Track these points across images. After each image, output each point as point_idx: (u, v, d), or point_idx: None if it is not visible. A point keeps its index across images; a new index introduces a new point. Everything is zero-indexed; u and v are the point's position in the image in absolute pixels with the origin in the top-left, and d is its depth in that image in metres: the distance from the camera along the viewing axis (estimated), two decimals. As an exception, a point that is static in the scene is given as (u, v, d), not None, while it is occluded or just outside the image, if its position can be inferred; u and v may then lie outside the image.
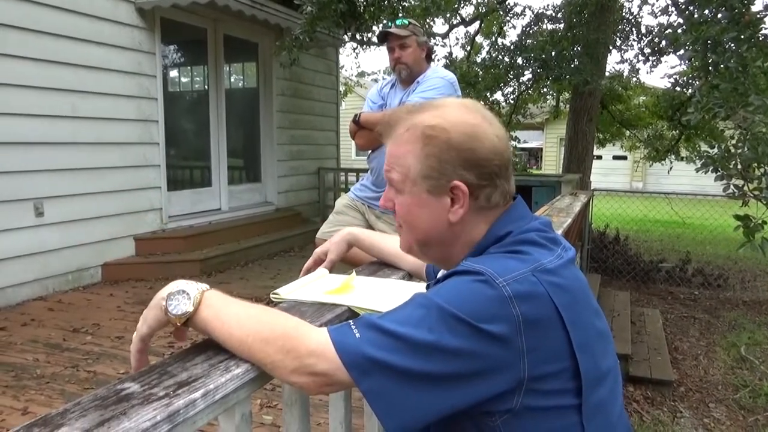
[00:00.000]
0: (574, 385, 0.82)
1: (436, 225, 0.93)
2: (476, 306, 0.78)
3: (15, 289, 4.31)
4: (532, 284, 0.80)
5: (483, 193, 0.91)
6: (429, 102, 0.97)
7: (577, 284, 0.88)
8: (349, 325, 0.81)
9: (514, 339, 0.77)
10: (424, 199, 0.93)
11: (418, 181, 0.92)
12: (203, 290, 0.87)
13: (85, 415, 0.65)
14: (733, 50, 2.96)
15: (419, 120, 0.92)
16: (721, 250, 8.32)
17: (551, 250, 0.89)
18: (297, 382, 0.81)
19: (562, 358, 0.81)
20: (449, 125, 0.90)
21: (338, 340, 0.79)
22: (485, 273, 0.80)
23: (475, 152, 0.89)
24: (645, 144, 10.07)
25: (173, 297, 0.85)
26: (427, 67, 2.82)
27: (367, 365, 0.76)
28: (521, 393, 0.79)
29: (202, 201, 6.32)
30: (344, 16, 6.08)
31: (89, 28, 4.78)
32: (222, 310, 0.85)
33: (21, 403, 2.75)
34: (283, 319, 0.86)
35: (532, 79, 8.64)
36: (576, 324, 0.82)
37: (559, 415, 0.82)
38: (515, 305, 0.77)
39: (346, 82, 15.47)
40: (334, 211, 3.03)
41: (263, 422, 2.57)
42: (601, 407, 0.85)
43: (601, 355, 0.87)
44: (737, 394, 3.73)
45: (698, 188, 9.20)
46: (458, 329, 0.76)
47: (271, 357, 0.80)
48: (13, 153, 4.27)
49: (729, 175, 2.82)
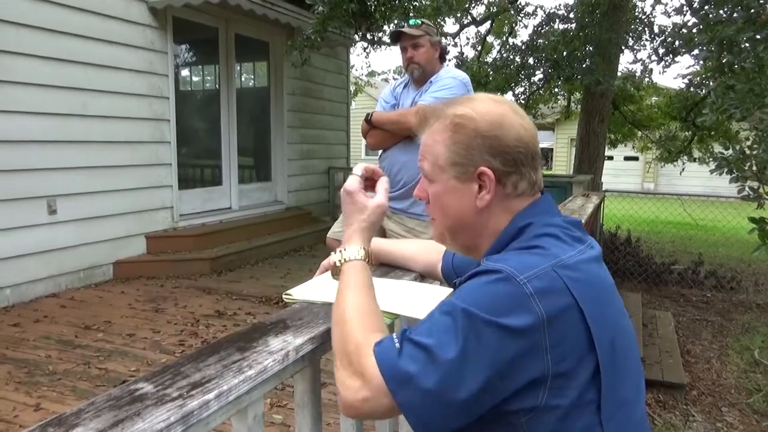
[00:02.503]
0: (595, 381, 0.82)
1: (464, 211, 0.96)
2: (498, 304, 0.79)
3: (28, 285, 4.36)
4: (552, 280, 0.81)
5: (509, 180, 0.93)
6: (461, 96, 1.03)
7: (599, 280, 0.89)
8: (392, 338, 0.84)
9: (538, 333, 0.78)
10: (452, 185, 0.96)
11: (446, 168, 0.96)
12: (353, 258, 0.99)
13: (99, 416, 0.65)
14: (749, 50, 2.93)
15: (450, 111, 0.97)
16: (734, 252, 8.24)
17: (572, 245, 0.89)
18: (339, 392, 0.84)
19: (583, 353, 0.81)
20: (477, 115, 0.94)
21: (381, 357, 0.82)
22: (505, 271, 0.81)
23: (500, 139, 0.92)
24: (657, 145, 9.99)
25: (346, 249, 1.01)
26: (440, 67, 2.81)
27: (402, 377, 0.79)
28: (546, 388, 0.79)
29: (212, 200, 6.34)
30: (355, 16, 6.08)
31: (102, 27, 4.81)
32: (342, 288, 0.96)
33: (33, 399, 2.77)
34: (362, 332, 0.88)
35: (543, 79, 8.59)
36: (597, 319, 0.82)
37: (579, 412, 0.81)
38: (537, 301, 0.78)
39: (356, 81, 15.48)
40: (344, 210, 3.02)
41: (273, 421, 2.57)
42: (622, 407, 0.85)
43: (623, 354, 0.87)
44: (751, 399, 3.68)
45: (711, 190, 9.12)
46: (483, 331, 0.77)
47: (339, 356, 0.87)
48: (26, 151, 4.31)
49: (744, 177, 2.78)
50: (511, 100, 1.02)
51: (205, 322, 3.95)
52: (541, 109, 11.45)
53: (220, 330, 3.79)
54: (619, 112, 10.05)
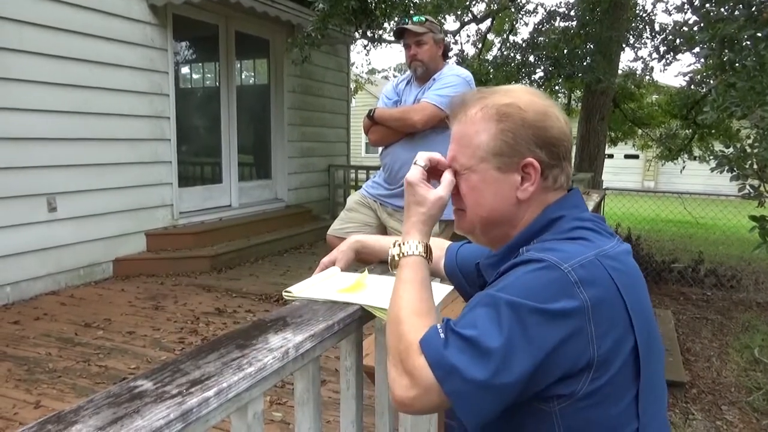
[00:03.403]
0: (634, 370, 0.82)
1: (502, 203, 0.95)
2: (543, 292, 0.79)
3: (28, 283, 4.35)
4: (596, 268, 0.81)
5: (552, 173, 0.93)
6: (495, 87, 0.99)
7: (636, 273, 0.90)
8: (436, 329, 0.84)
9: (584, 319, 0.78)
10: (492, 176, 0.94)
11: (488, 158, 0.93)
12: (411, 253, 0.96)
13: (98, 413, 0.65)
14: (750, 48, 2.92)
15: (492, 101, 0.94)
16: (735, 251, 8.23)
17: (609, 238, 0.91)
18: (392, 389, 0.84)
19: (624, 342, 0.81)
20: (524, 105, 0.92)
21: (427, 347, 0.82)
22: (549, 260, 0.81)
23: (548, 131, 0.92)
24: (657, 143, 9.97)
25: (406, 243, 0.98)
26: (444, 65, 2.80)
27: (449, 368, 0.78)
28: (589, 375, 0.79)
29: (212, 197, 6.34)
30: (356, 13, 6.08)
31: (102, 25, 4.80)
32: (398, 285, 0.94)
33: (33, 396, 2.77)
34: (414, 332, 0.86)
35: (543, 77, 8.57)
36: (636, 306, 0.83)
37: (617, 402, 0.82)
38: (582, 289, 0.78)
39: (356, 79, 15.46)
40: (345, 208, 3.02)
41: (273, 419, 2.57)
42: (656, 397, 0.86)
43: (655, 346, 0.88)
44: (750, 397, 3.68)
45: (711, 188, 9.12)
46: (529, 320, 0.77)
47: (391, 353, 0.86)
48: (26, 148, 4.30)
49: (745, 175, 2.78)
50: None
51: (205, 319, 3.94)
52: (541, 107, 11.41)
53: (219, 327, 3.79)
54: (620, 110, 10.05)
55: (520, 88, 0.98)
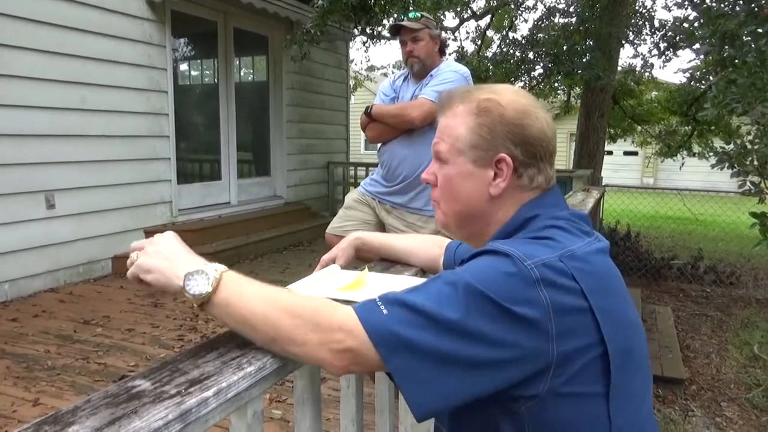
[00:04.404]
0: (602, 372, 0.80)
1: (476, 197, 0.94)
2: (505, 287, 0.77)
3: (27, 280, 4.34)
4: (559, 270, 0.79)
5: (527, 172, 0.93)
6: (485, 85, 0.99)
7: (607, 272, 0.87)
8: (375, 301, 0.79)
9: (543, 323, 0.76)
10: (468, 169, 0.94)
11: (465, 150, 0.94)
12: (222, 270, 0.84)
13: (95, 413, 0.64)
14: (750, 44, 2.91)
15: (475, 96, 0.95)
16: (734, 247, 8.23)
17: (580, 237, 0.88)
18: (325, 358, 0.78)
19: (591, 344, 0.79)
20: (504, 102, 0.93)
21: (365, 316, 0.77)
22: (513, 255, 0.80)
23: (525, 129, 0.92)
24: (657, 140, 9.97)
25: (192, 277, 0.83)
26: (441, 61, 2.79)
27: (395, 343, 0.75)
28: (548, 378, 0.77)
29: (211, 194, 6.33)
30: (355, 10, 6.06)
31: (100, 21, 4.78)
32: (244, 288, 0.83)
33: (32, 394, 2.76)
34: (308, 297, 0.86)
35: (543, 73, 8.56)
36: (604, 311, 0.80)
37: (585, 402, 0.80)
38: (542, 289, 0.77)
39: (355, 76, 15.42)
40: (343, 206, 3.01)
41: (272, 417, 2.57)
42: (630, 399, 0.84)
43: (631, 346, 0.86)
44: (750, 393, 3.68)
45: (710, 184, 9.12)
46: (487, 309, 0.75)
47: (299, 329, 0.78)
48: (24, 145, 4.28)
49: (745, 171, 2.77)
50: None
51: (205, 317, 3.94)
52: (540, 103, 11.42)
53: (219, 325, 3.76)
54: (619, 106, 10.04)
55: (508, 87, 0.99)
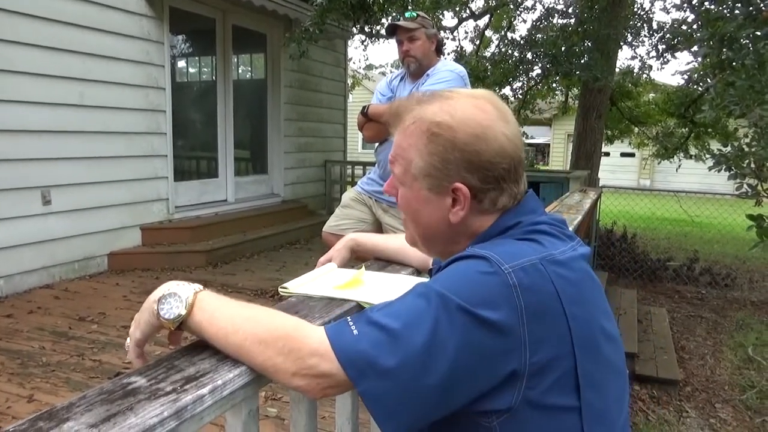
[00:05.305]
0: (575, 385, 0.77)
1: (436, 222, 0.91)
2: (477, 291, 0.74)
3: (22, 276, 4.33)
4: (538, 274, 0.77)
5: (487, 196, 0.88)
6: (440, 92, 0.93)
7: (587, 281, 0.84)
8: (346, 321, 0.77)
9: (515, 328, 0.73)
10: (424, 195, 0.90)
11: (419, 177, 0.89)
12: (196, 291, 0.82)
13: (90, 410, 0.64)
14: (749, 47, 2.92)
15: (427, 113, 0.89)
16: (730, 250, 8.26)
17: (564, 241, 0.86)
18: (299, 385, 0.76)
19: (563, 354, 0.76)
20: (456, 123, 0.86)
21: (335, 338, 0.75)
22: (490, 258, 0.77)
23: (480, 154, 0.85)
24: (654, 141, 9.99)
25: (165, 300, 0.81)
26: (437, 60, 2.79)
27: (362, 365, 0.72)
28: (521, 389, 0.75)
29: (208, 192, 6.31)
30: (354, 8, 6.05)
31: (98, 17, 4.76)
32: (217, 313, 0.80)
33: (27, 390, 2.75)
34: (282, 320, 0.82)
35: (541, 74, 8.56)
36: (580, 320, 0.78)
37: (559, 416, 0.77)
38: (518, 294, 0.74)
39: (354, 74, 15.42)
40: (340, 204, 3.01)
41: (268, 414, 2.57)
42: (603, 414, 0.81)
43: (606, 358, 0.83)
44: (744, 395, 3.70)
45: (707, 186, 9.14)
46: (456, 319, 0.73)
47: (272, 360, 0.76)
48: (21, 141, 4.27)
49: (743, 174, 2.78)
50: (494, 95, 0.93)
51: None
52: (538, 104, 11.43)
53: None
54: (617, 108, 10.04)
55: (464, 95, 0.91)
